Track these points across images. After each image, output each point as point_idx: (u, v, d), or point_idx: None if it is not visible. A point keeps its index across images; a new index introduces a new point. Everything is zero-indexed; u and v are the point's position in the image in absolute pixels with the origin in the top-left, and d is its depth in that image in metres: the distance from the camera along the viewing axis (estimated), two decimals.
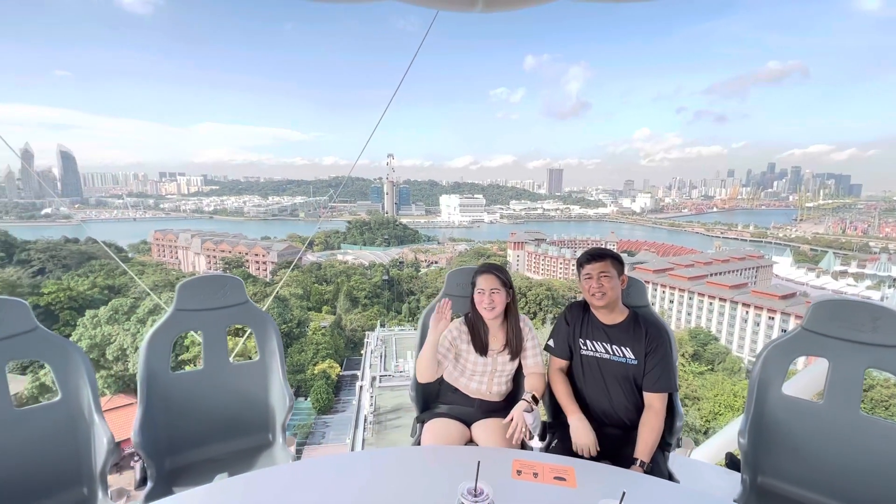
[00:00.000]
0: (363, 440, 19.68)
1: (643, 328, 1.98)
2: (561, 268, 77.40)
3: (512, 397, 2.18)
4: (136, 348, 24.04)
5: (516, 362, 2.10)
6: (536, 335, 2.16)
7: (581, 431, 1.86)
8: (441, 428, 1.98)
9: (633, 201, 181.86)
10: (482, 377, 2.07)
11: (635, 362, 1.95)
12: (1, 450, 1.67)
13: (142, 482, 1.91)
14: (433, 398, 2.20)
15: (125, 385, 23.57)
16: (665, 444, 1.97)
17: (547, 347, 2.14)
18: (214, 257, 69.52)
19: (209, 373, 2.17)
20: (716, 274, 60.53)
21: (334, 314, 42.74)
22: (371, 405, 21.61)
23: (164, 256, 75.90)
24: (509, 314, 2.06)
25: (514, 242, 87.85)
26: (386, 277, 54.48)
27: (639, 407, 1.96)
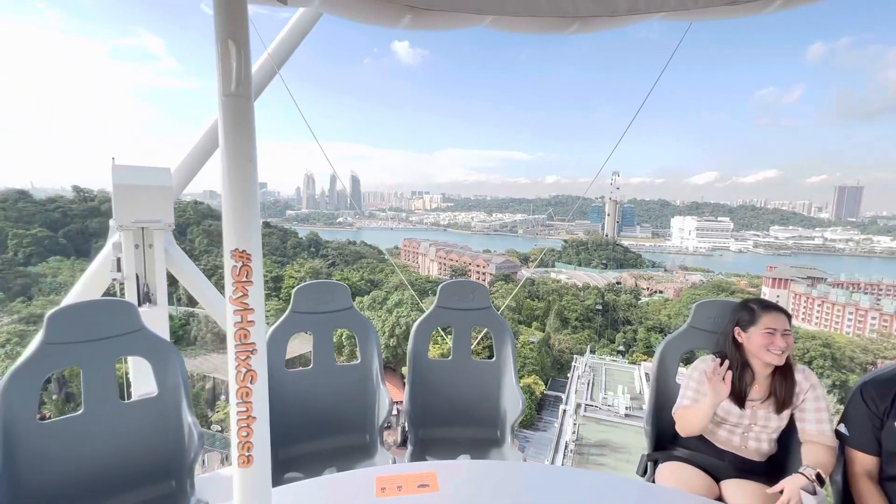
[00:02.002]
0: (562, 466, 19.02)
1: None
2: (850, 319, 57.27)
3: (777, 460, 1.78)
4: (385, 332, 29.72)
5: (784, 419, 1.71)
6: (823, 393, 1.70)
7: None
8: (682, 474, 1.76)
9: None
10: (734, 428, 1.76)
11: None
12: (323, 394, 2.36)
13: (402, 443, 2.37)
14: (670, 439, 1.98)
15: None
16: None
17: (839, 434, 1.65)
18: (444, 264, 79.89)
19: (456, 365, 2.54)
20: None
21: (543, 331, 42.97)
22: (573, 433, 20.71)
23: (409, 260, 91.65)
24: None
25: (775, 279, 69.77)
26: (600, 302, 51.48)
27: None
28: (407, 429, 2.35)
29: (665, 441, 2.01)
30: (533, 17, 1.43)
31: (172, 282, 3.07)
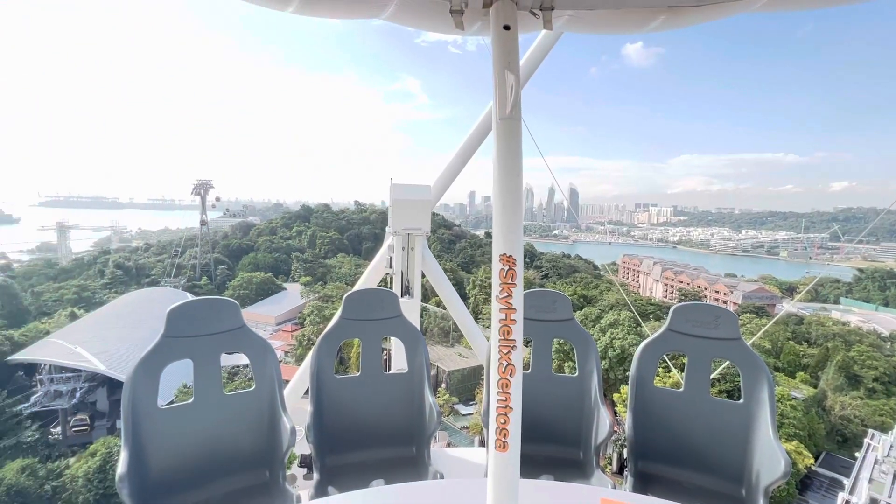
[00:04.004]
0: None
1: None
2: None
3: None
4: None
5: None
6: None
7: None
8: None
9: None
10: None
11: None
12: (540, 400, 2.41)
13: (618, 471, 2.22)
14: None
15: None
16: None
17: None
18: (671, 287, 70.03)
19: (689, 399, 2.22)
20: None
21: (815, 387, 32.66)
22: None
23: (628, 279, 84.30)
24: None
25: None
26: None
27: None
28: (625, 457, 2.18)
29: None
30: None
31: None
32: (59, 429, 26.71)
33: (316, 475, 2.20)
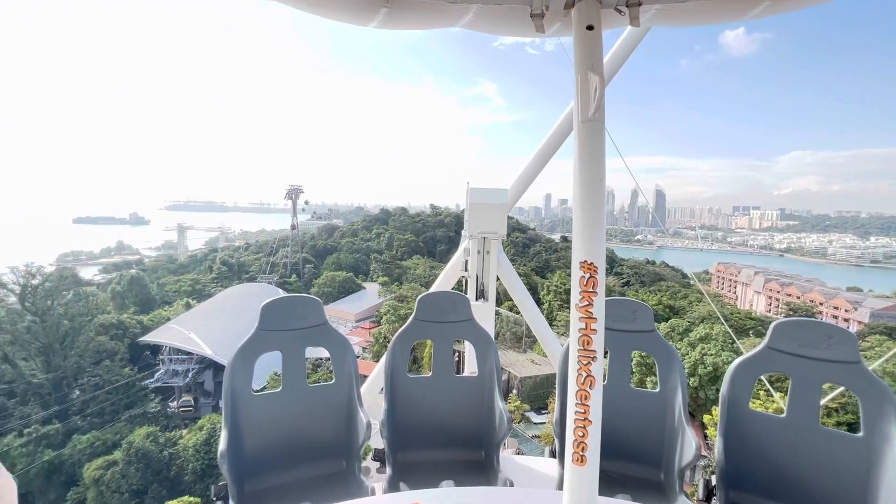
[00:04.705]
0: None
1: None
2: None
3: None
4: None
5: None
6: None
7: None
8: None
9: None
10: None
11: None
12: (619, 416, 2.28)
13: (705, 499, 2.03)
14: None
15: None
16: None
17: None
18: (777, 300, 62.20)
19: (793, 426, 1.97)
20: None
21: None
22: None
23: (723, 289, 76.48)
24: None
25: None
26: None
27: None
28: (714, 484, 1.99)
29: None
30: None
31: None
32: (174, 403, 30.70)
33: (389, 470, 2.29)
